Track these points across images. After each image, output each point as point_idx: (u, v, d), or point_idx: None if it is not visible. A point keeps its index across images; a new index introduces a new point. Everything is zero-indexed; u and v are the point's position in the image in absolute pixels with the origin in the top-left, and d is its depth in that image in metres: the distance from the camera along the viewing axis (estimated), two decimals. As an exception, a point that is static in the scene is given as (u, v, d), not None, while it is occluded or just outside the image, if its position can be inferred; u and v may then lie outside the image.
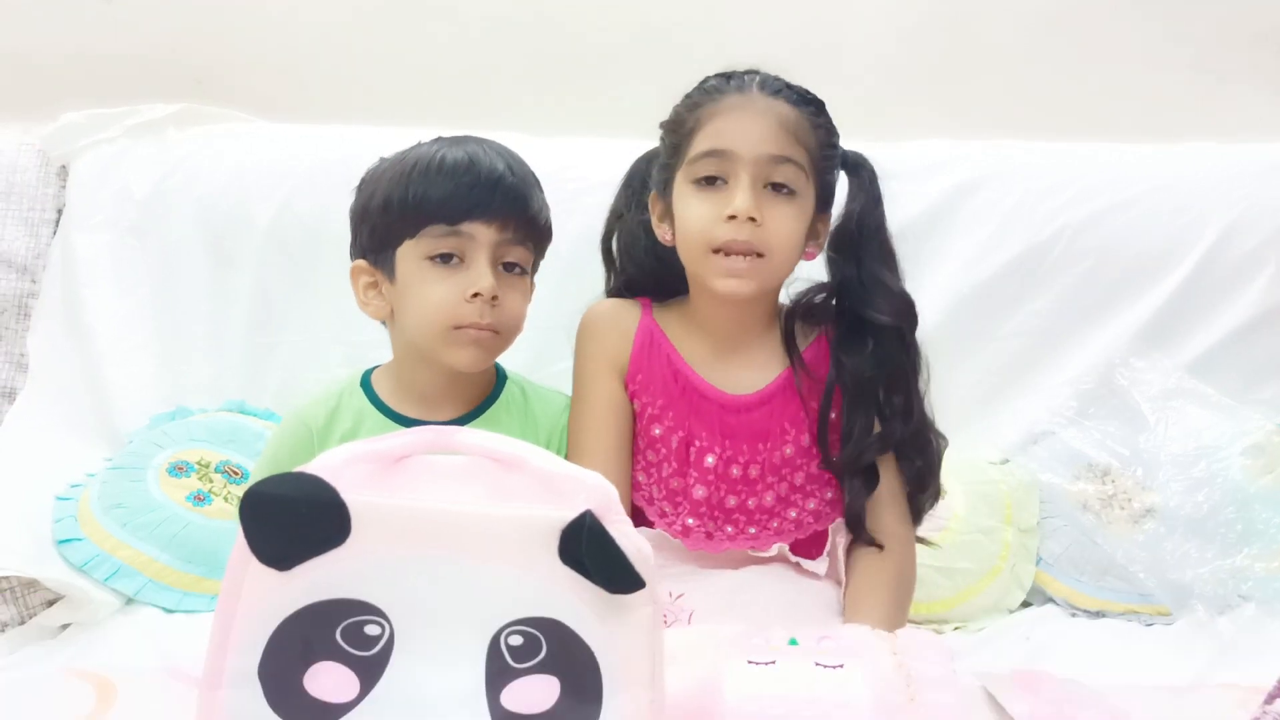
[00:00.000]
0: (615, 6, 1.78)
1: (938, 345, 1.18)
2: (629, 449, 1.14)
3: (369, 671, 0.67)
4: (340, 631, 0.67)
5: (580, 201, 1.42)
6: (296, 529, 0.66)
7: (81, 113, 1.71)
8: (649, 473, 1.14)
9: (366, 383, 1.15)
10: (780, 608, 1.09)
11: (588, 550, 0.66)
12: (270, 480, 0.66)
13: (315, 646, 0.67)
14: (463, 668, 0.67)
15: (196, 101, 1.75)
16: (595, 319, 1.17)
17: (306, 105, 1.78)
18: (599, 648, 0.67)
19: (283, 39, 1.80)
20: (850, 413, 1.11)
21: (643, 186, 1.19)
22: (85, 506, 1.38)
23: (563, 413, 1.18)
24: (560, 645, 0.67)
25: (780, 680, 0.79)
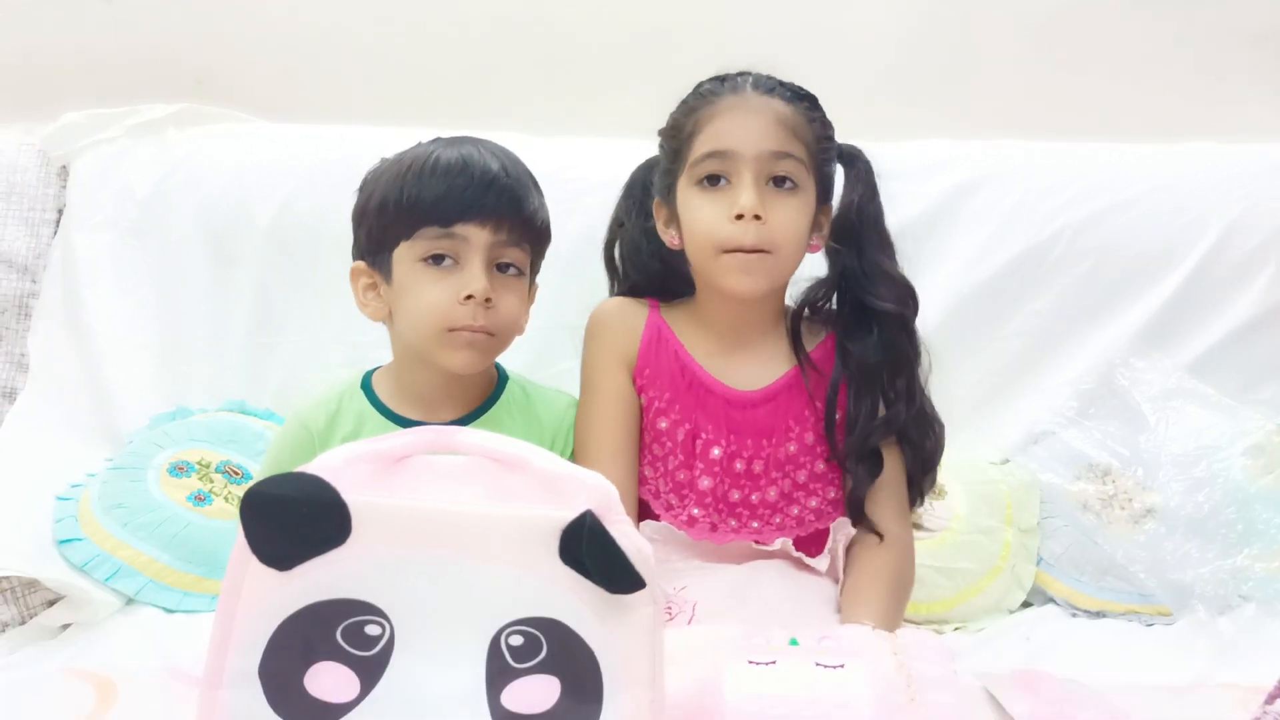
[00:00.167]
0: (615, 7, 1.77)
1: (938, 345, 1.18)
2: (637, 442, 1.16)
3: (369, 671, 0.67)
4: (341, 631, 0.67)
5: (580, 201, 1.43)
6: (297, 529, 0.66)
7: (82, 113, 1.71)
8: (655, 466, 1.16)
9: (367, 385, 1.15)
10: (782, 603, 1.10)
11: (588, 550, 0.66)
12: (271, 480, 0.66)
13: (316, 646, 0.67)
14: (463, 668, 0.67)
15: (197, 101, 1.75)
16: (604, 316, 1.19)
17: (306, 105, 1.78)
18: (599, 648, 0.67)
19: (283, 39, 1.79)
20: (856, 399, 1.13)
21: (644, 194, 1.21)
22: (86, 506, 1.38)
23: (566, 412, 1.18)
24: (561, 645, 0.67)
25: (781, 680, 0.79)
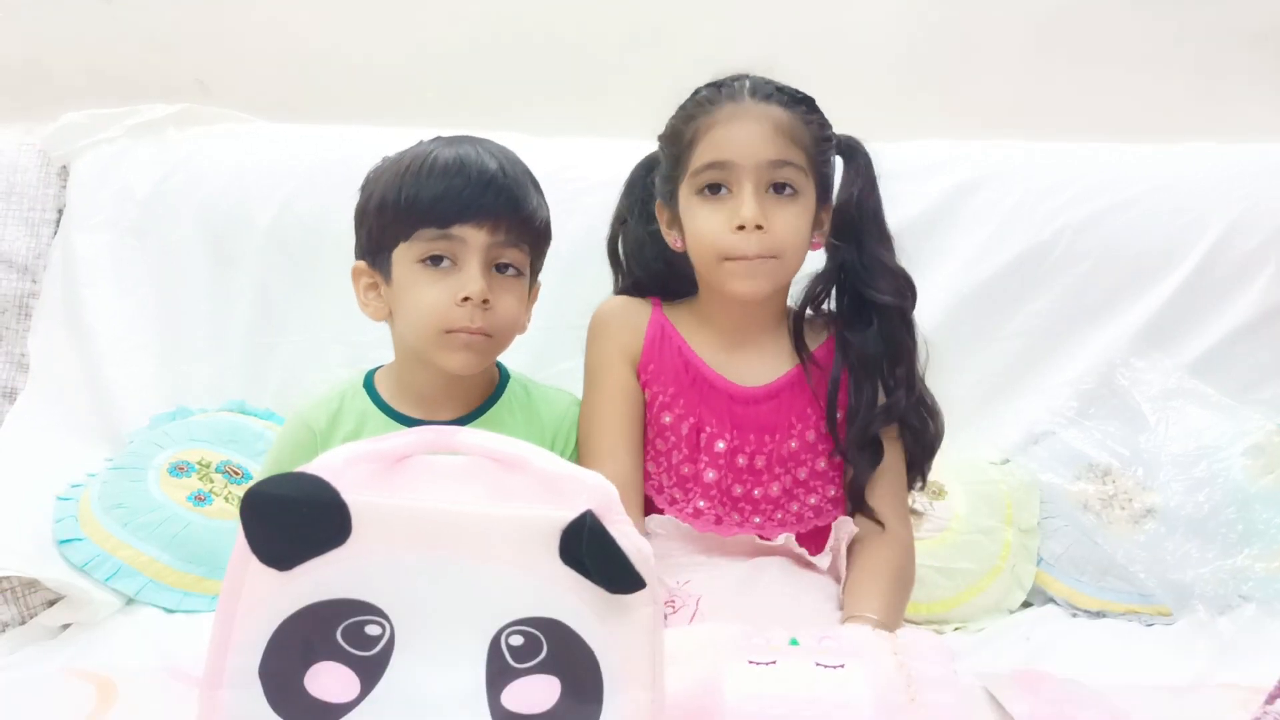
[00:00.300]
0: (616, 7, 1.77)
1: (938, 345, 1.19)
2: (642, 435, 1.17)
3: (370, 671, 0.67)
4: (341, 631, 0.67)
5: (581, 202, 1.43)
6: (297, 529, 0.66)
7: (82, 113, 1.71)
8: (658, 461, 1.17)
9: (369, 384, 1.15)
10: (784, 599, 1.11)
11: (588, 550, 0.66)
12: (271, 480, 0.66)
13: (316, 646, 0.67)
14: (463, 668, 0.67)
15: (197, 102, 1.75)
16: (608, 313, 1.20)
17: (306, 105, 1.78)
18: (599, 648, 0.67)
19: (283, 39, 1.79)
20: (857, 388, 1.14)
21: (644, 191, 1.21)
22: (86, 506, 1.38)
23: (568, 411, 1.18)
24: (561, 645, 0.67)
25: (781, 680, 0.79)
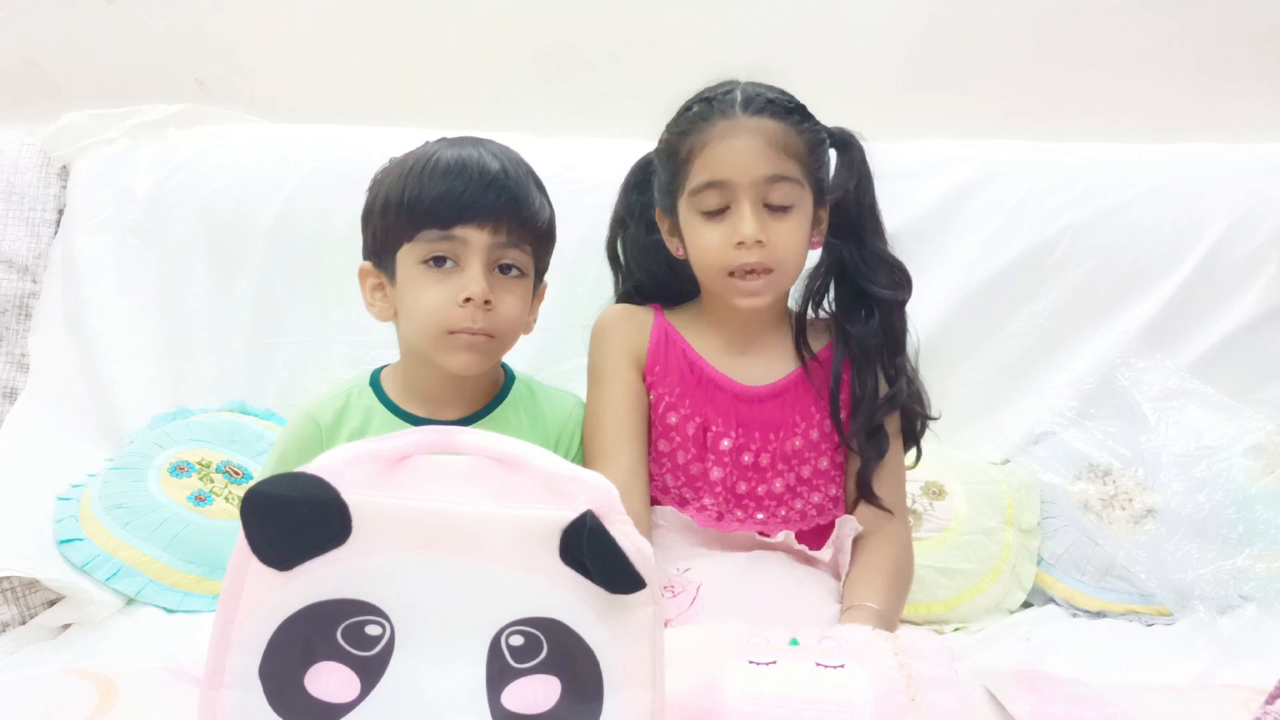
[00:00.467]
0: (618, 7, 1.77)
1: (939, 345, 1.19)
2: (646, 436, 1.17)
3: (370, 671, 0.67)
4: (341, 631, 0.67)
5: (583, 202, 1.43)
6: (297, 529, 0.66)
7: (83, 113, 1.71)
8: (661, 462, 1.17)
9: (375, 381, 1.15)
10: (783, 590, 1.12)
11: (588, 550, 0.66)
12: (271, 480, 0.66)
13: (316, 646, 0.67)
14: (463, 668, 0.67)
15: (198, 102, 1.75)
16: (612, 318, 1.21)
17: (307, 105, 1.78)
18: (600, 648, 0.67)
19: (283, 39, 1.79)
20: (859, 380, 1.16)
21: (641, 195, 1.22)
22: (86, 506, 1.38)
23: (572, 412, 1.18)
24: (561, 645, 0.67)
25: (781, 680, 0.79)
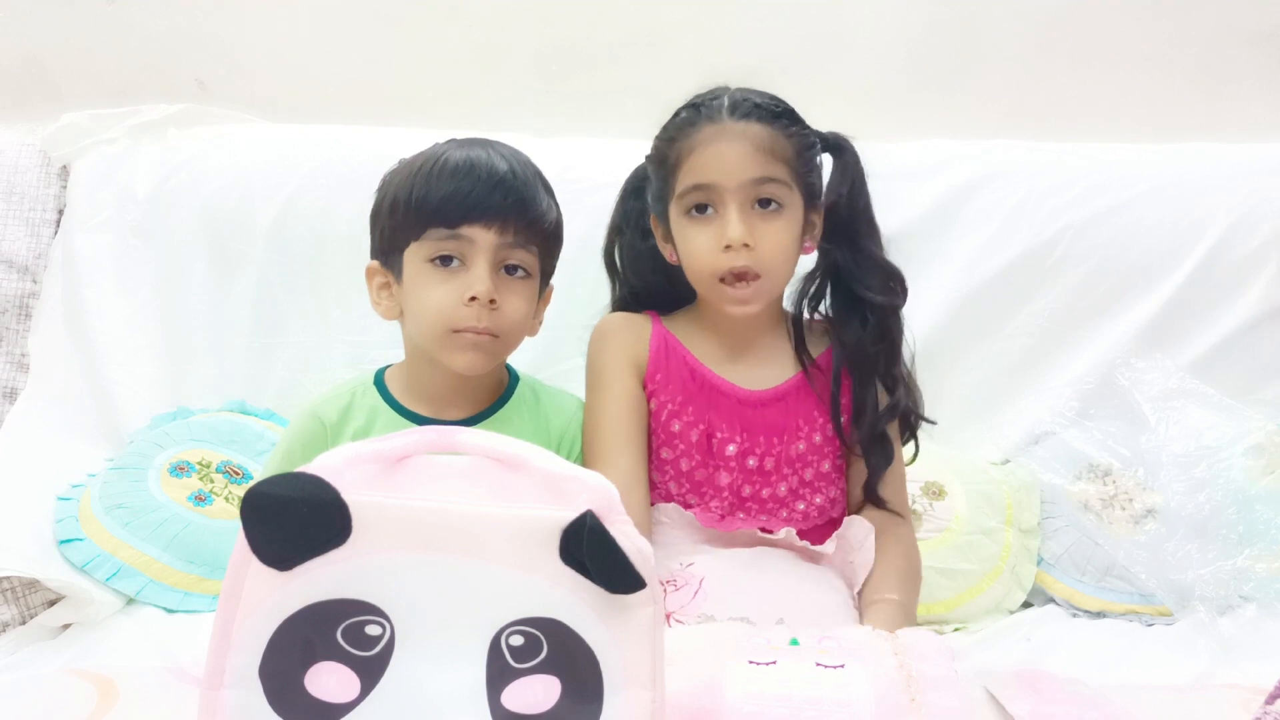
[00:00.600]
0: (618, 7, 1.77)
1: (939, 345, 1.19)
2: (645, 439, 1.17)
3: (370, 671, 0.67)
4: (341, 632, 0.67)
5: (583, 203, 1.42)
6: (297, 529, 0.66)
7: (83, 113, 1.71)
8: (664, 470, 1.17)
9: (380, 381, 1.16)
10: (786, 583, 1.12)
11: (588, 550, 0.66)
12: (271, 480, 0.66)
13: (316, 646, 0.67)
14: (463, 668, 0.67)
15: (198, 102, 1.75)
16: (611, 325, 1.21)
17: (308, 105, 1.78)
18: (600, 648, 0.67)
19: (284, 39, 1.79)
20: (859, 389, 1.16)
21: (637, 203, 1.23)
22: (86, 506, 1.38)
23: (575, 414, 1.18)
24: (561, 645, 0.67)
25: (781, 680, 0.79)
